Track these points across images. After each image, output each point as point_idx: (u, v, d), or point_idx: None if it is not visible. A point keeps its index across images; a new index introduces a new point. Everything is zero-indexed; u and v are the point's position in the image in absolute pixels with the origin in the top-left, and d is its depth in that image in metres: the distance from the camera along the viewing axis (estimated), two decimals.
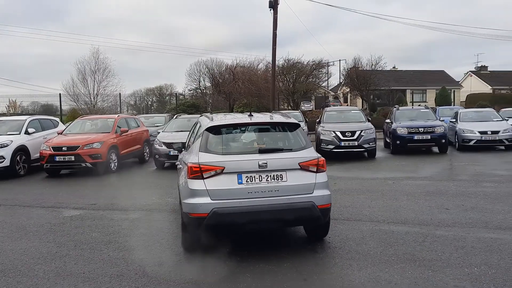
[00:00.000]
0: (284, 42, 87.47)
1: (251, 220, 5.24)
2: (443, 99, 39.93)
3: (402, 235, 6.08)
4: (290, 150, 5.54)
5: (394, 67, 53.50)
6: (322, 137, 15.03)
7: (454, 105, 35.51)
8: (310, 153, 5.57)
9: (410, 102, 39.68)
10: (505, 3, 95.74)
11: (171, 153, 13.91)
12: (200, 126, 6.09)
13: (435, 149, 16.39)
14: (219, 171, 5.23)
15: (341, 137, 14.58)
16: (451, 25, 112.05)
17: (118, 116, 15.64)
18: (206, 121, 5.91)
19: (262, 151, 5.43)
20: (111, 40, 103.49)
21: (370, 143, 14.67)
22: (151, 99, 70.08)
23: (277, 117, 6.09)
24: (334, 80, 51.60)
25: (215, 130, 5.63)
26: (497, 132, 16.08)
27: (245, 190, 5.22)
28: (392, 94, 47.03)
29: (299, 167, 5.39)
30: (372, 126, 15.36)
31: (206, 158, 5.33)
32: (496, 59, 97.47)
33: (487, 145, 16.21)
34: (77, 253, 5.83)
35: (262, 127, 5.91)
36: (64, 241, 6.41)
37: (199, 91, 65.81)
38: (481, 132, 16.12)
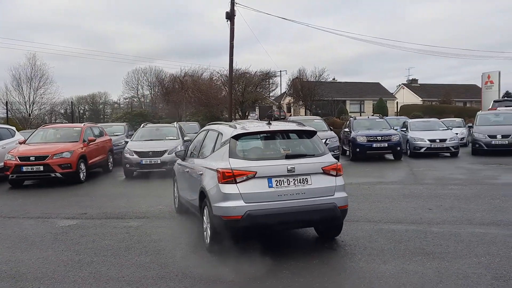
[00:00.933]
0: (224, 52, 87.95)
1: (281, 221, 5.62)
2: (380, 110, 42.20)
3: (404, 233, 6.68)
4: (313, 155, 5.98)
5: (334, 79, 55.74)
6: None
7: (388, 116, 37.77)
8: (330, 158, 6.05)
9: (350, 112, 41.66)
10: (433, 18, 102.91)
11: (143, 162, 13.91)
12: (221, 134, 6.34)
13: (389, 156, 17.55)
14: (251, 175, 5.56)
15: None
16: (383, 39, 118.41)
17: (84, 125, 15.31)
18: (229, 129, 6.19)
19: (288, 156, 5.83)
20: (38, 44, 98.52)
21: (335, 151, 15.45)
22: (83, 108, 67.69)
23: (295, 125, 6.51)
24: (276, 90, 52.83)
25: (241, 137, 5.95)
26: (444, 140, 17.62)
27: (275, 193, 5.59)
28: (334, 104, 49.03)
29: (322, 171, 5.84)
30: (335, 135, 16.19)
31: (238, 164, 5.64)
32: (425, 72, 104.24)
33: (435, 152, 17.67)
34: (102, 259, 5.86)
35: (285, 135, 6.30)
36: (80, 249, 6.39)
37: (136, 99, 64.86)
38: (430, 140, 17.55)
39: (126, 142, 15.70)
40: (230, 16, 24.08)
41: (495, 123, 18.01)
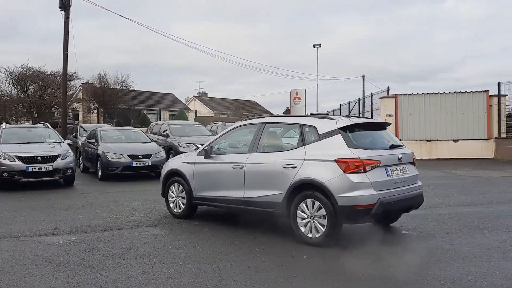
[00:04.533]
0: None
1: (399, 208, 5.97)
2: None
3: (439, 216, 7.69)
4: (403, 146, 6.46)
5: (126, 87, 54.14)
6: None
7: None
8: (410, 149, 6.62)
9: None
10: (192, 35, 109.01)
11: (30, 170, 11.37)
12: (309, 127, 6.16)
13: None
14: (376, 165, 5.71)
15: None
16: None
17: None
18: (327, 121, 6.11)
19: (392, 146, 6.17)
20: None
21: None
22: None
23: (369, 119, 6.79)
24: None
25: (350, 129, 5.99)
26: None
27: (392, 181, 5.88)
28: (131, 113, 47.72)
29: (411, 161, 6.39)
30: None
31: (362, 153, 5.69)
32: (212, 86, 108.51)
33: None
34: (159, 272, 5.01)
35: (377, 126, 6.53)
36: (117, 264, 5.25)
37: None
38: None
39: None
40: (66, 5, 21.45)
41: None
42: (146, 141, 14.81)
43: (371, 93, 21.72)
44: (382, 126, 6.62)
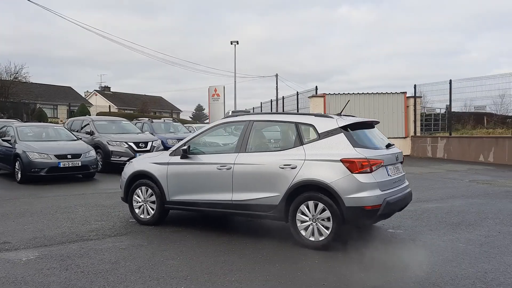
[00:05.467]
0: None
1: (400, 207, 5.94)
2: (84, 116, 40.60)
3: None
4: (394, 145, 6.43)
5: (18, 79, 49.31)
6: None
7: None
8: None
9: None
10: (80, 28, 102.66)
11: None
12: (307, 125, 5.89)
13: None
14: (380, 164, 5.60)
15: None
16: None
17: None
18: (326, 120, 5.88)
19: (388, 146, 6.11)
20: None
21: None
22: None
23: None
24: None
25: (351, 128, 5.79)
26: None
27: (392, 180, 5.82)
28: (24, 107, 43.46)
29: (402, 161, 6.40)
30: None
31: (366, 153, 5.54)
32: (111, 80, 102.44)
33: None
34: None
35: (369, 125, 6.34)
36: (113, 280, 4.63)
37: None
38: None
39: None
40: None
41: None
42: (71, 139, 13.42)
43: (297, 92, 22.09)
44: (371, 125, 6.56)
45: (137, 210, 7.05)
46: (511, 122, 19.18)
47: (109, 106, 47.87)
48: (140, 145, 14.20)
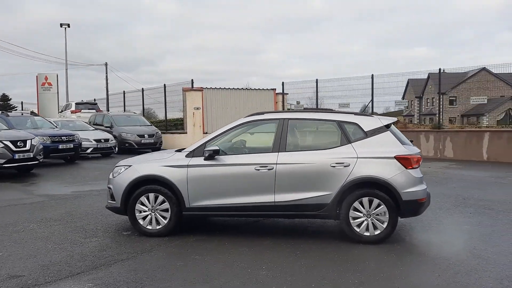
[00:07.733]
0: None
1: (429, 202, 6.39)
2: None
3: None
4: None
5: None
6: None
7: None
8: None
9: None
10: None
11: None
12: (351, 124, 5.97)
13: None
14: (421, 161, 6.08)
15: None
16: None
17: None
18: (369, 119, 6.08)
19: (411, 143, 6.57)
20: None
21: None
22: None
23: None
24: None
25: (391, 126, 6.10)
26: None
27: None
28: None
29: None
30: None
31: (414, 150, 6.03)
32: None
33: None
34: None
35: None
36: None
37: None
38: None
39: None
40: None
41: (130, 124, 19.02)
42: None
43: (164, 84, 21.00)
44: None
45: (141, 221, 6.07)
46: None
47: None
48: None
